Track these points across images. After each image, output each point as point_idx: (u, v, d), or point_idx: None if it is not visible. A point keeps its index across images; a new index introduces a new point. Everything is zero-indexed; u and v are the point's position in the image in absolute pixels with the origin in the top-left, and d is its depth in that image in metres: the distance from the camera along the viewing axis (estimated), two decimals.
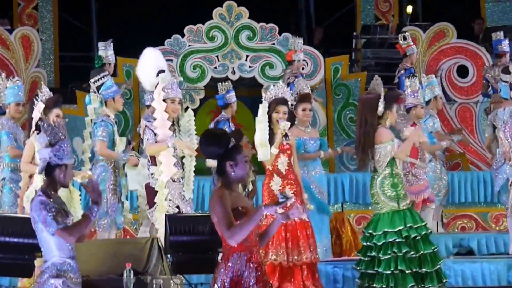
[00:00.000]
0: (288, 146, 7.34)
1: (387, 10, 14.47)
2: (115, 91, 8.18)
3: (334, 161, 11.24)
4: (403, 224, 6.74)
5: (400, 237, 6.71)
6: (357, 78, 11.75)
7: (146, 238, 6.84)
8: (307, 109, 8.07)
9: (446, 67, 11.39)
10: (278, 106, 7.34)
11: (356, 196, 10.28)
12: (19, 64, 11.95)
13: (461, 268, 8.04)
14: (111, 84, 8.19)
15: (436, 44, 11.96)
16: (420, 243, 6.74)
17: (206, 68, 11.53)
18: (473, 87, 11.72)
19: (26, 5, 13.88)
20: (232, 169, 4.48)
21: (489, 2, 13.58)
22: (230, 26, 11.58)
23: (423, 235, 6.77)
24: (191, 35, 11.53)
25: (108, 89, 8.10)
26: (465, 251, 9.05)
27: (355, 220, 10.20)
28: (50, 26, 13.85)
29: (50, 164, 4.80)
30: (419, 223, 6.79)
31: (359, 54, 13.65)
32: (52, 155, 4.79)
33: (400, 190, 6.80)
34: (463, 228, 10.10)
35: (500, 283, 7.96)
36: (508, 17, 13.44)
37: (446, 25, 12.05)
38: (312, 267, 7.10)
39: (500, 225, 10.11)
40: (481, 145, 11.48)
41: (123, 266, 5.85)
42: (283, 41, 11.50)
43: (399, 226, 6.73)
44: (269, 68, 11.54)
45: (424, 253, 6.71)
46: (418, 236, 6.73)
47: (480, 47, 12.11)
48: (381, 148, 6.80)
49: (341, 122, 11.50)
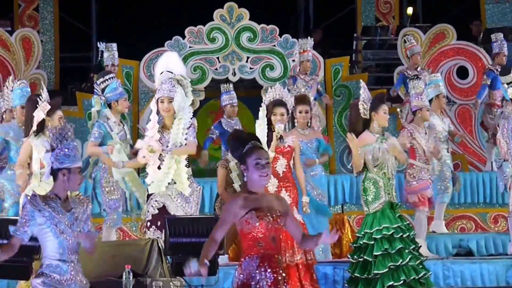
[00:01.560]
0: (288, 148, 7.32)
1: (388, 12, 14.50)
2: (119, 93, 8.09)
3: (334, 162, 11.25)
4: (370, 227, 7.03)
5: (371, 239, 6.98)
6: (357, 80, 11.75)
7: (145, 239, 6.84)
8: (303, 111, 8.06)
9: (446, 68, 11.39)
10: (275, 108, 7.34)
11: (356, 197, 10.29)
12: (19, 65, 11.96)
13: (460, 268, 8.06)
14: (115, 87, 8.11)
15: (436, 45, 11.97)
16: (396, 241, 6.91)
17: (206, 70, 11.54)
18: (473, 88, 11.73)
19: (27, 6, 13.91)
20: (244, 173, 4.54)
21: (488, 3, 13.59)
22: (231, 27, 11.59)
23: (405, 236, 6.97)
24: (192, 36, 11.55)
25: (112, 91, 8.04)
26: (464, 251, 9.08)
27: (355, 221, 10.21)
28: (51, 28, 13.87)
29: (53, 168, 4.82)
30: (388, 224, 6.95)
31: (359, 55, 13.68)
32: (53, 159, 4.81)
33: (368, 195, 7.08)
34: (463, 228, 10.10)
35: (499, 284, 7.98)
36: (507, 18, 13.46)
37: (446, 26, 12.06)
38: (309, 268, 7.11)
39: (499, 226, 10.12)
40: (480, 146, 11.49)
41: (122, 268, 5.86)
42: (283, 43, 11.52)
43: (373, 227, 7.01)
44: (270, 70, 11.55)
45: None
46: (389, 235, 6.96)
47: (479, 48, 12.13)
48: (360, 151, 7.06)
49: (341, 124, 11.51)
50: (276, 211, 4.56)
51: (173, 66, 7.09)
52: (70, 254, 4.81)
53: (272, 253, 4.53)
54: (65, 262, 4.79)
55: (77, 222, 4.82)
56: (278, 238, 4.56)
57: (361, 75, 12.15)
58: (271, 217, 4.54)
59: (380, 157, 7.05)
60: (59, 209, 4.81)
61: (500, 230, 9.95)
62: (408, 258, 6.89)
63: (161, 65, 7.18)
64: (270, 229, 4.52)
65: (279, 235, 4.60)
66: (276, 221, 4.54)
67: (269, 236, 4.52)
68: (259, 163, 4.52)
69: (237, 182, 8.35)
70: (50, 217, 4.77)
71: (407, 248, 6.95)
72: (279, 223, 4.55)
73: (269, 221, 4.53)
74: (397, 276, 6.86)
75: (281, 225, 4.57)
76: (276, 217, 4.55)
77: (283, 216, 4.58)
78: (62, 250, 4.79)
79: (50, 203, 4.79)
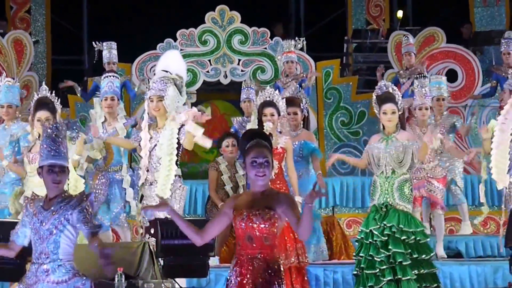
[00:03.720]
0: (280, 150, 7.37)
1: (378, 15, 14.57)
2: (102, 93, 8.15)
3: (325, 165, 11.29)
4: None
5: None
6: (348, 82, 11.81)
7: (137, 242, 6.87)
8: (291, 113, 8.16)
9: (435, 71, 11.44)
10: (264, 109, 7.41)
11: (346, 199, 10.36)
12: (11, 67, 11.97)
13: (449, 270, 8.10)
14: (103, 86, 8.18)
15: (426, 48, 12.03)
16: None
17: (198, 72, 11.59)
18: (462, 91, 11.80)
19: (19, 9, 13.92)
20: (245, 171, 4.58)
21: (478, 7, 13.69)
22: (222, 30, 11.63)
23: None
24: (184, 39, 11.59)
25: (100, 91, 8.12)
26: (453, 253, 9.14)
27: (346, 223, 10.27)
28: (43, 30, 13.88)
29: None
30: (364, 227, 6.93)
31: (350, 58, 13.74)
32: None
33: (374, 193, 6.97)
34: (451, 231, 10.15)
35: (487, 286, 8.03)
36: (495, 22, 13.55)
37: (436, 29, 12.12)
38: (301, 270, 7.16)
39: (488, 228, 10.18)
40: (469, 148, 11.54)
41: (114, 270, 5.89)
42: (275, 45, 11.57)
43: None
44: (261, 72, 11.60)
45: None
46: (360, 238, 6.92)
47: (469, 51, 12.20)
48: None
49: (332, 126, 11.55)
50: (258, 209, 4.45)
51: (170, 65, 7.14)
52: (39, 254, 4.73)
53: (247, 254, 4.46)
54: (34, 264, 4.75)
55: (54, 221, 4.69)
56: (257, 237, 4.43)
57: (351, 78, 12.21)
58: (246, 216, 4.45)
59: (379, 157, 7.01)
60: (40, 208, 4.75)
61: (489, 233, 10.00)
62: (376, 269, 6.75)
63: (160, 64, 7.25)
64: (245, 228, 4.45)
65: (262, 234, 4.44)
66: (251, 219, 4.44)
67: (244, 236, 4.46)
68: (255, 162, 4.47)
69: (228, 184, 8.39)
70: (30, 217, 4.76)
71: (379, 255, 6.76)
72: (254, 222, 4.43)
73: (242, 219, 4.45)
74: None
75: (259, 224, 4.43)
76: (253, 215, 4.44)
77: (274, 212, 4.44)
78: (35, 250, 4.75)
79: (37, 203, 4.78)
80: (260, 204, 4.48)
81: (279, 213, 4.47)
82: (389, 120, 6.92)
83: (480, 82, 11.82)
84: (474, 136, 11.52)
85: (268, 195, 4.52)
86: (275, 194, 4.57)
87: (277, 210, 4.46)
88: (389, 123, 6.93)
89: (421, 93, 8.62)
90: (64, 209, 4.72)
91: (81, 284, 4.74)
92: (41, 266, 4.70)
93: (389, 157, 6.89)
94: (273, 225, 4.46)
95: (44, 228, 4.70)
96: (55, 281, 4.68)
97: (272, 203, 4.48)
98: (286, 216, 4.48)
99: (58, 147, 4.74)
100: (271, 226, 4.45)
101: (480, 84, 11.80)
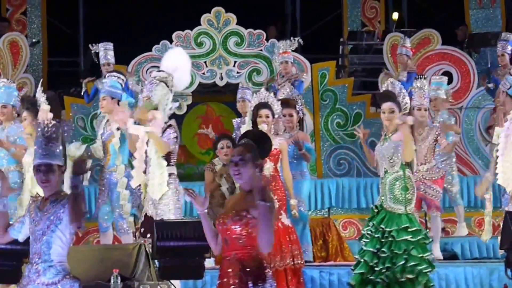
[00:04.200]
0: (276, 151, 7.38)
1: (374, 17, 14.58)
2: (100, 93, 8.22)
3: (321, 167, 11.31)
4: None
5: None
6: (344, 84, 11.82)
7: (133, 244, 6.89)
8: (287, 115, 8.18)
9: (431, 73, 11.45)
10: (259, 111, 7.44)
11: (342, 201, 10.37)
12: (6, 69, 11.96)
13: (445, 272, 8.11)
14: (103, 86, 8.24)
15: (421, 50, 12.04)
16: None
17: (193, 74, 11.57)
18: (458, 93, 11.80)
19: (15, 11, 13.88)
20: None
21: (473, 8, 13.71)
22: (218, 32, 11.63)
23: None
24: (179, 41, 11.57)
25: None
26: (449, 255, 9.15)
27: (342, 225, 10.28)
28: (39, 32, 13.85)
29: None
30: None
31: (346, 60, 13.75)
32: None
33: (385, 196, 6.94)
34: (447, 232, 10.16)
35: (483, 287, 8.05)
36: (491, 23, 13.57)
37: (431, 31, 12.13)
38: (297, 271, 7.17)
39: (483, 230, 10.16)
40: (465, 150, 11.57)
41: (110, 272, 5.90)
42: (270, 47, 11.58)
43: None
44: (257, 74, 11.60)
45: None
46: None
47: (464, 53, 12.21)
48: None
49: (328, 128, 11.56)
50: (234, 211, 4.46)
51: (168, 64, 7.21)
52: (33, 254, 4.72)
53: (225, 256, 4.48)
54: (28, 265, 4.75)
55: (47, 222, 4.67)
56: (232, 239, 4.42)
57: (347, 79, 12.21)
58: (221, 219, 4.48)
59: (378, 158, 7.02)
60: (36, 209, 4.76)
61: None
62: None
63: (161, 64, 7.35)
64: (221, 230, 4.48)
65: (236, 236, 4.42)
66: (224, 222, 4.45)
67: (222, 238, 4.50)
68: (231, 160, 4.53)
69: (224, 185, 8.40)
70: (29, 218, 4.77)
71: (372, 261, 6.81)
72: (227, 224, 4.43)
73: (219, 223, 4.49)
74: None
75: (230, 226, 4.42)
76: (226, 218, 4.45)
77: (247, 213, 4.42)
78: (30, 251, 4.74)
79: (36, 204, 4.77)
80: (240, 206, 4.48)
81: (255, 215, 4.42)
82: (387, 119, 6.88)
83: (476, 84, 11.84)
84: (470, 138, 11.56)
85: (251, 196, 4.44)
86: (248, 196, 4.49)
87: (252, 212, 4.43)
88: (387, 122, 6.88)
89: (420, 94, 8.62)
90: (56, 208, 4.69)
91: (69, 286, 4.68)
92: (33, 266, 4.69)
93: (383, 157, 6.90)
94: (246, 226, 4.43)
95: (37, 228, 4.70)
96: (45, 283, 4.65)
97: (249, 205, 4.44)
98: (258, 221, 4.39)
99: (48, 146, 4.68)
100: (244, 227, 4.42)
101: (476, 86, 11.82)
